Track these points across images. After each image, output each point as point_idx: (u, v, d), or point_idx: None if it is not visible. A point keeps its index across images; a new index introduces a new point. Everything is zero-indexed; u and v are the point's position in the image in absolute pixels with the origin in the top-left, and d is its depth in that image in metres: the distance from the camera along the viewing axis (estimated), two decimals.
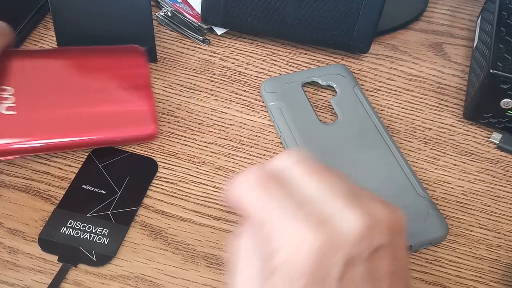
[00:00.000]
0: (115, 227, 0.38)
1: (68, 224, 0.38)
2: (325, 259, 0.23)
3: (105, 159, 0.42)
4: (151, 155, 0.43)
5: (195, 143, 0.44)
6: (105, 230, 0.38)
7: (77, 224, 0.38)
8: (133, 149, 0.43)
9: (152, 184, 0.41)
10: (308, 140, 0.42)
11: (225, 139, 0.44)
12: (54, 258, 0.36)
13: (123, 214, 0.39)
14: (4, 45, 0.39)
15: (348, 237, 0.24)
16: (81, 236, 0.37)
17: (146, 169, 0.42)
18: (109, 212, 0.39)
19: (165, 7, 0.53)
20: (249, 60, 0.50)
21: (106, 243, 0.37)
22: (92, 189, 0.40)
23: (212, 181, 0.41)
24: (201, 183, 0.41)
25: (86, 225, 0.38)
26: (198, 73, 0.49)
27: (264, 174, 0.26)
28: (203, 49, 0.51)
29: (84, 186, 0.40)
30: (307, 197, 0.25)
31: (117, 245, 0.37)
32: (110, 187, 0.40)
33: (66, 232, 0.37)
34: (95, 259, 0.36)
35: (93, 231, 0.38)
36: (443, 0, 0.58)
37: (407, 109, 0.48)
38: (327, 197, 0.25)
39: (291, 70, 0.50)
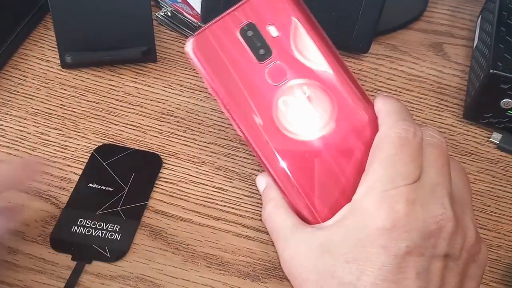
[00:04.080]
0: (126, 223, 0.38)
1: (78, 223, 0.38)
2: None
3: (109, 157, 0.42)
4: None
5: (195, 143, 0.44)
6: (116, 226, 0.38)
7: (87, 222, 0.38)
8: (134, 147, 0.43)
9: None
10: None
11: (225, 139, 0.44)
12: (54, 258, 0.36)
13: (132, 209, 0.39)
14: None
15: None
16: (93, 234, 0.38)
17: (151, 163, 0.42)
18: (119, 208, 0.39)
19: (165, 7, 0.53)
20: None
21: (118, 238, 0.37)
22: (99, 187, 0.40)
23: (212, 181, 0.41)
24: (201, 183, 0.41)
25: (97, 222, 0.38)
26: (198, 73, 0.49)
27: None
28: None
29: (90, 185, 0.40)
30: None
31: (129, 240, 0.38)
32: (116, 184, 0.40)
33: (78, 231, 0.38)
34: (109, 255, 0.37)
35: (105, 228, 0.38)
36: (443, 0, 0.58)
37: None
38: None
39: None
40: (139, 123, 0.45)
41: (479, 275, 0.29)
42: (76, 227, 0.38)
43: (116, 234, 0.38)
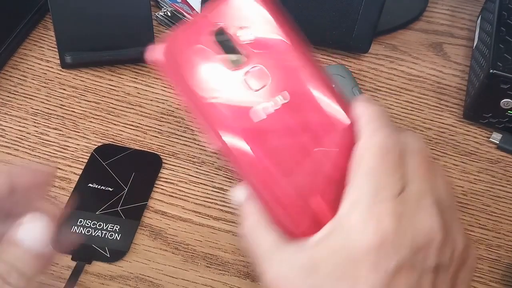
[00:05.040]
0: (126, 223, 0.38)
1: (78, 223, 0.38)
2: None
3: (109, 157, 0.42)
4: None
5: (195, 143, 0.44)
6: (116, 226, 0.38)
7: (87, 222, 0.38)
8: (134, 147, 0.43)
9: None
10: None
11: None
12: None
13: (132, 209, 0.39)
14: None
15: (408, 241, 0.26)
16: (93, 234, 0.38)
17: (151, 164, 0.42)
18: (118, 209, 0.39)
19: (164, 7, 0.53)
20: None
21: (118, 238, 0.37)
22: (98, 187, 0.40)
23: (212, 181, 0.41)
24: (201, 183, 0.41)
25: (96, 222, 0.38)
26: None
27: None
28: None
29: (90, 185, 0.40)
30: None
31: (129, 240, 0.38)
32: (116, 184, 0.40)
33: (77, 231, 0.38)
34: (109, 255, 0.37)
35: (104, 228, 0.38)
36: (443, 0, 0.58)
37: (407, 109, 0.48)
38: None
39: None
40: (139, 123, 0.45)
41: (469, 278, 0.28)
42: (76, 227, 0.38)
43: (116, 234, 0.38)
